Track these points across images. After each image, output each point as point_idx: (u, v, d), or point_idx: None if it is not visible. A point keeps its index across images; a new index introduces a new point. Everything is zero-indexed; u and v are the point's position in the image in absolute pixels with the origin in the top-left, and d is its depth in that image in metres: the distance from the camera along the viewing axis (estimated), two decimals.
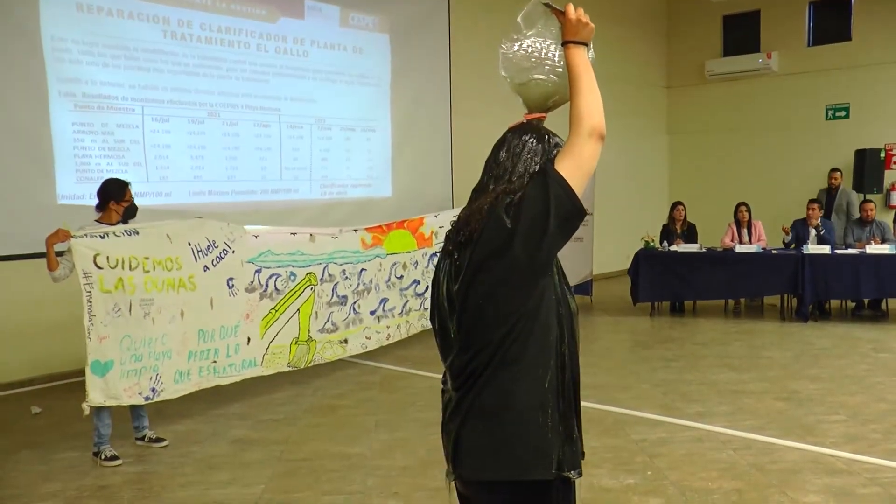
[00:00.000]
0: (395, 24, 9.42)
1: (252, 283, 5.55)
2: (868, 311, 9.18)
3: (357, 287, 6.41)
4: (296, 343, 5.88)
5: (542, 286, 1.76)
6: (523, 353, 1.75)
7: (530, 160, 1.82)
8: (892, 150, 12.06)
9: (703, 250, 9.34)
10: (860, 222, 9.27)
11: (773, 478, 4.14)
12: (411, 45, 9.61)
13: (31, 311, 6.51)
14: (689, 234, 9.76)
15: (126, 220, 4.89)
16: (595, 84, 1.78)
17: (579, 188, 1.73)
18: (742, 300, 9.92)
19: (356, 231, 6.51)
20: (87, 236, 4.54)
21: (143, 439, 4.91)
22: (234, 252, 5.41)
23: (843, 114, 12.64)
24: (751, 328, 8.54)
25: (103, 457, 4.59)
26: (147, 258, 4.80)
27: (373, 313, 6.60)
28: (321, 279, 6.09)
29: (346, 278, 6.31)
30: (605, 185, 10.88)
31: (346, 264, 6.31)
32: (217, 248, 5.30)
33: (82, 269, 4.48)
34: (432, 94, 9.94)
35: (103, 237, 4.61)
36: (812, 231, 9.15)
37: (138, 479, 4.39)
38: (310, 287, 5.99)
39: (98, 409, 4.59)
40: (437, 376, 5.56)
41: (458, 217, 1.88)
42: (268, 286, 5.65)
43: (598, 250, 10.52)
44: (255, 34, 8.07)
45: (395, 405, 5.72)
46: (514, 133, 1.87)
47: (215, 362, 5.25)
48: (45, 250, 4.46)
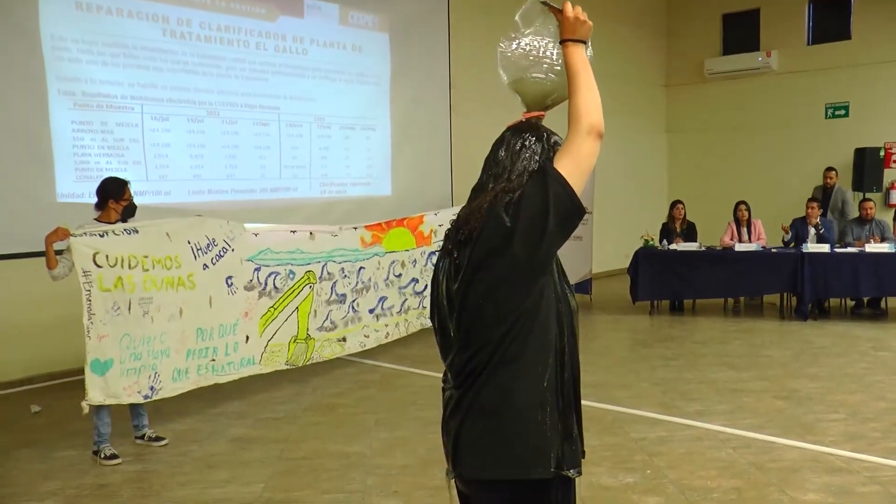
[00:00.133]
0: (394, 23, 9.42)
1: (251, 281, 5.54)
2: (867, 310, 9.18)
3: (356, 285, 6.42)
4: (294, 341, 5.89)
5: (542, 284, 1.76)
6: (523, 351, 1.75)
7: (529, 159, 1.82)
8: (891, 149, 12.06)
9: (703, 249, 9.35)
10: (860, 221, 9.26)
11: (773, 476, 4.14)
12: (411, 44, 9.60)
13: (31, 310, 6.50)
14: (689, 233, 9.76)
15: (125, 219, 4.88)
16: (593, 82, 1.78)
17: (578, 186, 1.73)
18: (741, 299, 9.92)
19: (356, 229, 6.51)
20: (86, 235, 4.53)
21: (142, 438, 4.91)
22: (233, 250, 5.41)
23: (842, 112, 12.64)
24: (750, 327, 8.54)
25: (103, 455, 4.59)
26: (146, 257, 4.80)
27: (371, 312, 6.60)
28: (320, 277, 6.09)
29: (345, 276, 6.31)
30: (604, 183, 10.88)
31: (345, 262, 6.31)
32: (216, 246, 5.30)
33: (81, 268, 4.47)
34: (432, 93, 9.93)
35: (103, 236, 4.61)
36: (811, 230, 9.16)
37: (138, 477, 4.39)
38: (309, 285, 5.99)
39: (97, 407, 4.59)
40: (436, 375, 5.55)
41: (458, 216, 1.88)
42: (267, 284, 5.65)
43: (598, 249, 10.52)
44: (254, 33, 8.07)
45: (395, 404, 5.72)
46: (512, 132, 1.87)
47: (214, 360, 5.25)
48: (44, 249, 4.45)
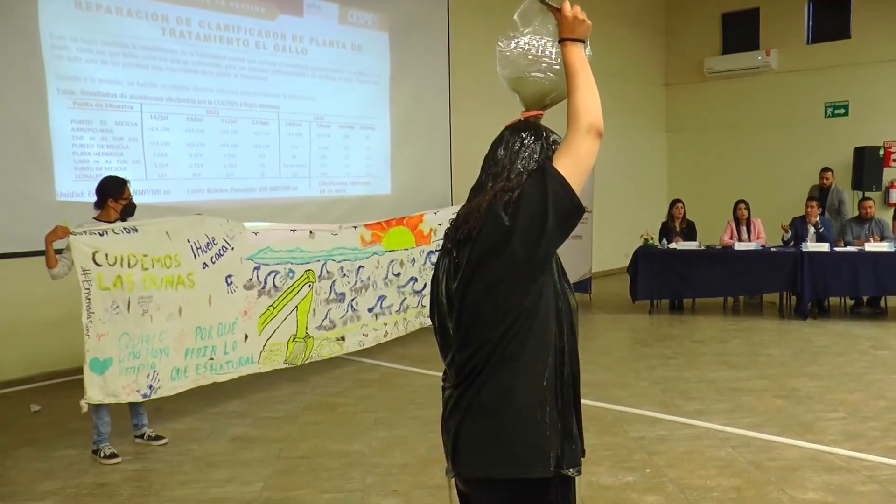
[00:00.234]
0: (394, 22, 9.42)
1: (251, 280, 5.54)
2: (867, 309, 9.18)
3: (355, 284, 6.42)
4: (293, 340, 5.89)
5: (541, 283, 1.76)
6: (522, 350, 1.75)
7: (528, 158, 1.82)
8: (890, 148, 12.06)
9: (703, 248, 9.35)
10: (859, 220, 9.26)
11: (772, 475, 4.15)
12: (410, 43, 9.60)
13: (31, 309, 6.50)
14: (689, 232, 9.76)
15: (124, 218, 4.87)
16: (592, 81, 1.77)
17: (578, 185, 1.73)
18: (741, 298, 9.92)
19: (355, 228, 6.51)
20: (86, 233, 4.53)
21: (142, 437, 4.91)
22: (233, 249, 5.41)
23: (842, 111, 12.64)
24: (750, 326, 8.54)
25: (102, 455, 4.59)
26: (146, 255, 4.80)
27: (370, 310, 6.60)
28: (319, 276, 6.09)
29: (345, 275, 6.31)
30: (604, 182, 10.88)
31: (345, 261, 6.31)
32: (216, 244, 5.29)
33: (81, 267, 4.47)
34: (431, 92, 9.93)
35: (102, 234, 4.60)
36: (811, 229, 9.16)
37: (137, 476, 4.39)
38: (308, 284, 5.99)
39: (97, 406, 4.59)
40: (435, 374, 5.54)
41: (457, 215, 1.88)
42: (266, 283, 5.65)
43: (598, 248, 10.53)
44: (253, 31, 8.07)
45: (394, 403, 5.72)
46: (511, 131, 1.87)
47: (212, 359, 5.24)
48: (44, 248, 4.45)
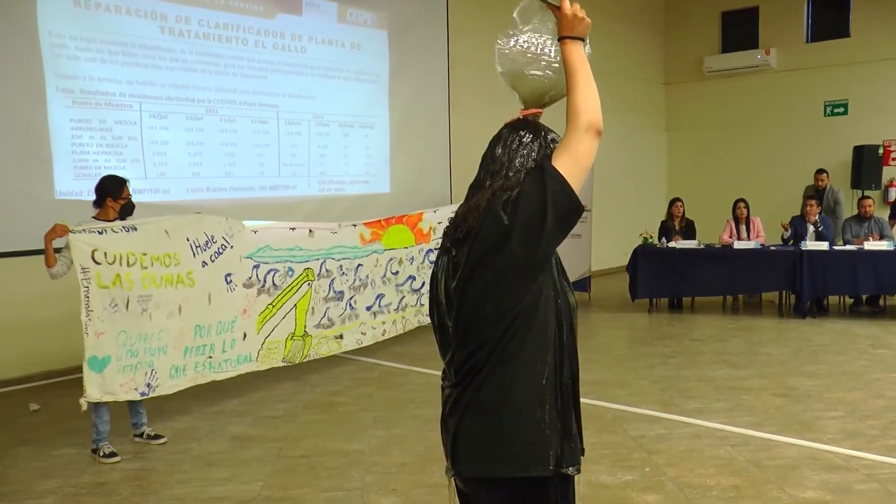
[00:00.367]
0: (393, 21, 9.41)
1: (250, 278, 5.54)
2: (866, 308, 9.18)
3: (354, 282, 6.42)
4: (291, 338, 5.88)
5: (541, 282, 1.76)
6: (522, 349, 1.75)
7: (527, 156, 1.81)
8: (890, 147, 12.07)
9: (702, 247, 9.35)
10: (858, 218, 9.26)
11: (771, 474, 4.15)
12: (410, 42, 9.60)
13: (30, 308, 6.50)
14: (688, 231, 9.76)
15: (123, 218, 4.86)
16: (592, 79, 1.77)
17: (577, 184, 1.72)
18: (740, 297, 9.93)
19: (355, 226, 6.51)
20: (85, 232, 4.53)
21: (141, 436, 4.91)
22: (232, 247, 5.41)
23: (841, 110, 12.64)
24: (749, 324, 8.54)
25: (101, 453, 4.58)
26: (145, 254, 4.79)
27: (369, 309, 6.60)
28: (318, 275, 6.09)
29: (343, 274, 6.31)
30: (603, 181, 10.88)
31: (344, 260, 6.31)
32: (215, 243, 5.29)
33: (80, 265, 4.47)
34: (431, 91, 9.93)
35: (101, 233, 4.60)
36: (810, 227, 9.16)
37: (136, 475, 4.39)
38: (307, 282, 5.99)
39: (96, 405, 4.59)
40: (435, 373, 5.54)
41: (456, 214, 1.87)
42: (265, 282, 5.65)
43: (597, 247, 10.52)
44: (252, 30, 8.06)
45: (394, 402, 5.72)
46: (510, 129, 1.87)
47: (211, 357, 5.24)
48: (43, 247, 4.45)
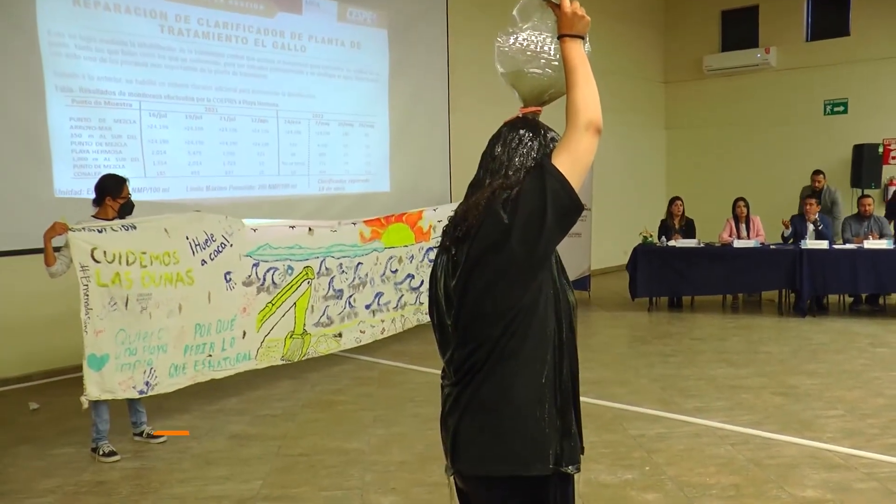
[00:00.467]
0: (393, 20, 9.41)
1: (249, 276, 5.54)
2: (866, 306, 9.18)
3: (353, 281, 6.41)
4: (291, 337, 5.88)
5: (541, 280, 1.76)
6: (521, 347, 1.75)
7: (526, 155, 1.81)
8: (890, 145, 12.06)
9: (701, 245, 9.34)
10: (858, 217, 9.26)
11: (771, 472, 4.15)
12: (409, 41, 9.59)
13: (29, 307, 6.49)
14: (688, 230, 9.76)
15: (122, 217, 4.86)
16: (591, 77, 1.76)
17: (577, 183, 1.72)
18: (740, 295, 9.93)
19: (355, 224, 6.51)
20: (84, 230, 4.54)
21: (140, 435, 4.91)
22: (231, 246, 5.41)
23: (841, 109, 12.64)
24: (749, 323, 8.54)
25: (101, 452, 4.58)
26: (144, 253, 4.80)
27: (368, 307, 6.60)
28: (318, 273, 6.09)
29: (343, 272, 6.31)
30: (603, 180, 10.88)
31: (344, 258, 6.31)
32: (215, 241, 5.29)
33: (79, 263, 4.47)
34: (430, 90, 9.92)
35: (101, 231, 4.61)
36: (810, 226, 9.16)
37: (136, 474, 4.39)
38: (306, 281, 5.99)
39: (96, 404, 4.59)
40: (434, 372, 5.54)
41: (455, 212, 1.87)
42: (265, 280, 5.65)
43: (597, 246, 10.52)
44: (252, 29, 8.06)
45: (393, 400, 5.72)
46: (509, 127, 1.86)
47: (210, 356, 5.24)
48: (42, 246, 4.45)
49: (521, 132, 1.84)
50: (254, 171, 8.18)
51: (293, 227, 5.98)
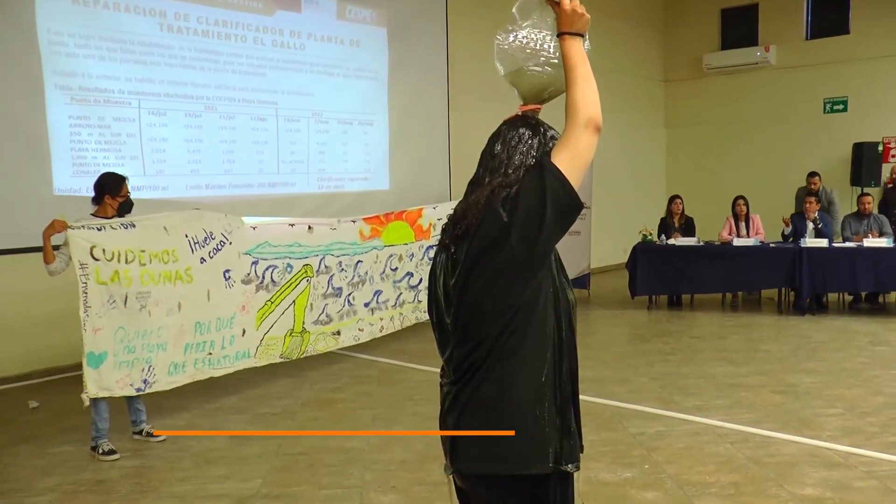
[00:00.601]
0: (392, 18, 9.40)
1: (248, 274, 5.54)
2: (865, 305, 9.19)
3: (352, 279, 6.41)
4: (290, 334, 5.88)
5: (540, 278, 1.75)
6: (521, 345, 1.74)
7: (526, 153, 1.80)
8: (889, 144, 12.06)
9: (701, 244, 9.34)
10: (858, 216, 9.26)
11: (771, 471, 4.15)
12: (409, 39, 9.58)
13: (29, 306, 6.49)
14: (687, 228, 9.76)
15: (121, 215, 4.86)
16: (591, 75, 1.76)
17: (576, 181, 1.71)
18: (739, 294, 9.93)
19: (354, 222, 6.50)
20: (84, 228, 4.54)
21: (140, 433, 4.90)
22: (231, 243, 5.40)
23: (840, 107, 12.64)
24: (748, 322, 8.54)
25: (101, 451, 4.58)
26: (143, 251, 4.80)
27: (367, 305, 6.60)
28: (317, 271, 6.09)
29: (342, 270, 6.31)
30: (602, 178, 10.88)
31: (343, 256, 6.31)
32: (214, 239, 5.29)
33: (79, 260, 4.47)
34: (430, 88, 9.92)
35: (100, 229, 4.60)
36: (809, 224, 9.16)
37: (136, 473, 4.38)
38: (306, 279, 5.99)
39: (96, 403, 4.58)
40: (434, 370, 5.53)
41: (455, 210, 1.87)
42: (264, 278, 5.65)
43: (596, 244, 10.52)
44: (251, 27, 8.05)
45: (393, 399, 5.71)
46: (509, 125, 1.86)
47: (210, 354, 5.24)
48: (41, 244, 4.44)
49: (521, 130, 1.83)
50: (253, 170, 8.18)
51: (293, 225, 5.98)
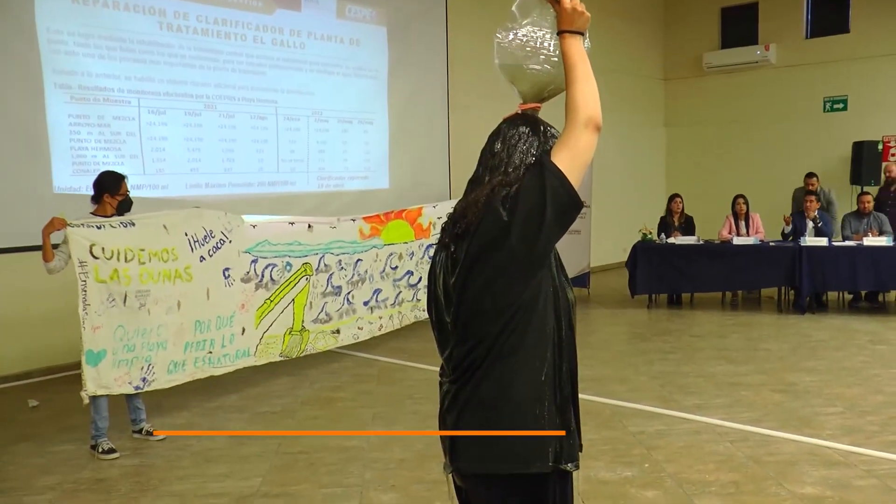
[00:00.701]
0: (392, 17, 9.39)
1: (248, 273, 5.54)
2: (865, 303, 9.18)
3: (352, 277, 6.41)
4: (289, 333, 5.88)
5: (540, 277, 1.75)
6: (521, 344, 1.74)
7: (526, 151, 1.80)
8: (889, 143, 12.06)
9: (701, 243, 9.34)
10: (857, 214, 9.25)
11: (770, 470, 4.15)
12: (409, 38, 9.58)
13: (28, 304, 6.49)
14: (687, 227, 9.76)
15: (121, 214, 4.86)
16: (591, 74, 1.75)
17: (576, 180, 1.71)
18: (739, 292, 9.92)
19: (354, 221, 6.50)
20: (83, 226, 4.54)
21: (140, 432, 4.90)
22: (230, 242, 5.40)
23: (840, 106, 12.63)
24: (748, 320, 8.54)
25: (100, 450, 4.58)
26: (143, 250, 4.79)
27: (366, 304, 6.60)
28: (317, 269, 6.09)
29: (342, 269, 6.31)
30: (602, 177, 10.88)
31: (343, 254, 6.30)
32: (214, 238, 5.29)
33: (78, 259, 4.46)
34: (430, 87, 9.91)
35: (100, 228, 4.61)
36: (809, 223, 9.15)
37: (135, 472, 4.38)
38: (305, 277, 5.99)
39: (95, 401, 4.58)
40: (434, 369, 5.54)
41: (454, 209, 1.86)
42: (263, 276, 5.65)
43: (596, 243, 10.52)
44: (251, 26, 8.05)
45: (393, 398, 5.71)
46: (508, 124, 1.86)
47: (210, 353, 5.24)
48: (41, 242, 4.44)
49: (521, 129, 1.83)
50: (253, 168, 8.17)
51: (292, 224, 5.98)
